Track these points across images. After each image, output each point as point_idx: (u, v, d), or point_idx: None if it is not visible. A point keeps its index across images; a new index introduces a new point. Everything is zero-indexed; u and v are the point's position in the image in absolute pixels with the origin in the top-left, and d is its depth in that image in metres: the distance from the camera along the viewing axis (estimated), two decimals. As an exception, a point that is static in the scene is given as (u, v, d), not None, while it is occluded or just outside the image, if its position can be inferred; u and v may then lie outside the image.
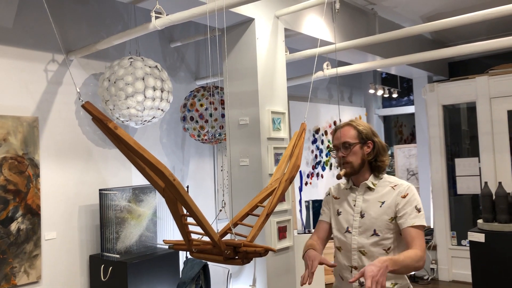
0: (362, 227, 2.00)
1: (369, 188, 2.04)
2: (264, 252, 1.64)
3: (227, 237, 1.90)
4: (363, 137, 2.05)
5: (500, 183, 3.79)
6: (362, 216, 2.02)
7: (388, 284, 1.96)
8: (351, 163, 2.02)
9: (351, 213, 2.05)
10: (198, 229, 1.76)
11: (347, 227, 2.05)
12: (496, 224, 3.67)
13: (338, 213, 2.11)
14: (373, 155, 2.05)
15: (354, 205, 2.05)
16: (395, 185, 2.03)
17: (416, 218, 1.94)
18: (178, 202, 1.64)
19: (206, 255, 1.77)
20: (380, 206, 1.99)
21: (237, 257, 1.70)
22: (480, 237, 3.66)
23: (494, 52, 6.02)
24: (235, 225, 1.88)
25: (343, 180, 2.17)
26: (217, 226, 1.85)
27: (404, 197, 1.98)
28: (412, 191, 2.01)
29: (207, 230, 1.65)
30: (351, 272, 2.01)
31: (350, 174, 2.05)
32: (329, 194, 2.22)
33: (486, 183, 3.95)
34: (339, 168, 2.10)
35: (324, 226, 2.17)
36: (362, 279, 1.94)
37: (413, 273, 5.83)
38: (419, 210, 1.97)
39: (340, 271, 2.08)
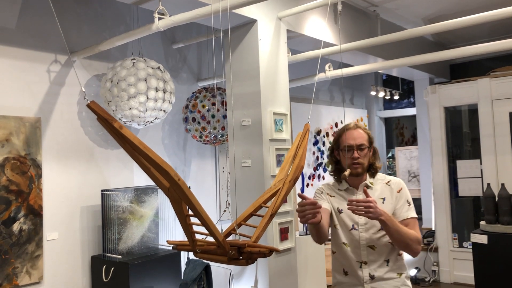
0: (368, 224, 2.10)
1: (367, 187, 2.14)
2: (268, 252, 1.64)
3: (231, 237, 1.89)
4: (370, 141, 2.18)
5: (503, 184, 3.79)
6: None
7: (394, 274, 2.09)
8: (363, 165, 2.13)
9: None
10: (201, 229, 1.76)
11: (353, 225, 2.13)
12: (499, 226, 3.67)
13: (339, 211, 2.17)
14: (374, 160, 2.19)
15: None
16: (388, 181, 2.17)
17: (409, 211, 2.09)
18: (183, 202, 1.64)
19: (210, 255, 1.77)
20: (382, 203, 2.11)
21: (241, 257, 1.70)
22: (483, 239, 3.66)
23: (496, 54, 6.02)
24: (239, 225, 1.88)
25: (331, 180, 2.28)
26: (221, 227, 1.85)
27: (399, 191, 2.13)
28: (403, 185, 2.16)
29: (211, 230, 1.65)
30: (361, 267, 2.09)
31: (360, 174, 2.14)
32: (322, 192, 2.26)
33: (488, 184, 3.95)
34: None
35: (325, 210, 2.14)
36: (372, 273, 2.07)
37: (414, 274, 5.82)
38: (409, 203, 2.12)
39: (345, 266, 2.14)
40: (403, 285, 2.10)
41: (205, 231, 1.73)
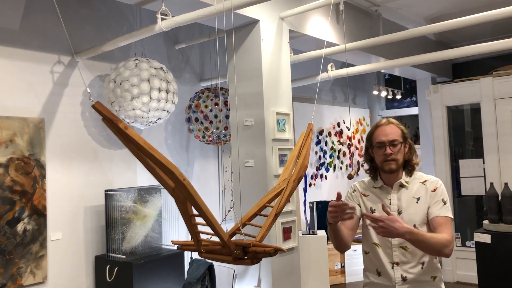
0: None
1: (402, 186, 2.10)
2: (273, 252, 1.64)
3: (235, 237, 1.90)
4: (405, 136, 2.11)
5: (506, 184, 3.78)
6: (399, 213, 2.05)
7: (427, 277, 2.03)
8: (397, 161, 2.07)
9: (388, 211, 2.03)
10: (206, 229, 1.76)
11: None
12: (502, 225, 3.67)
13: (372, 211, 2.12)
14: (411, 155, 2.12)
15: (390, 204, 2.08)
16: (425, 181, 2.10)
17: (442, 210, 2.02)
18: (188, 202, 1.64)
19: (215, 255, 1.78)
20: (417, 202, 2.06)
21: (246, 257, 1.71)
22: (486, 238, 3.65)
23: (498, 53, 6.01)
24: (243, 225, 1.88)
25: (366, 178, 2.21)
26: (226, 226, 1.85)
27: (434, 190, 2.07)
28: (440, 184, 2.09)
29: (216, 230, 1.65)
30: (393, 267, 2.04)
31: (394, 171, 2.08)
32: (355, 191, 2.22)
33: (492, 184, 3.95)
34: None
35: (353, 218, 2.12)
36: (405, 274, 2.02)
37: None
38: (445, 203, 2.04)
39: (378, 266, 2.10)
40: None
41: (210, 231, 1.73)
